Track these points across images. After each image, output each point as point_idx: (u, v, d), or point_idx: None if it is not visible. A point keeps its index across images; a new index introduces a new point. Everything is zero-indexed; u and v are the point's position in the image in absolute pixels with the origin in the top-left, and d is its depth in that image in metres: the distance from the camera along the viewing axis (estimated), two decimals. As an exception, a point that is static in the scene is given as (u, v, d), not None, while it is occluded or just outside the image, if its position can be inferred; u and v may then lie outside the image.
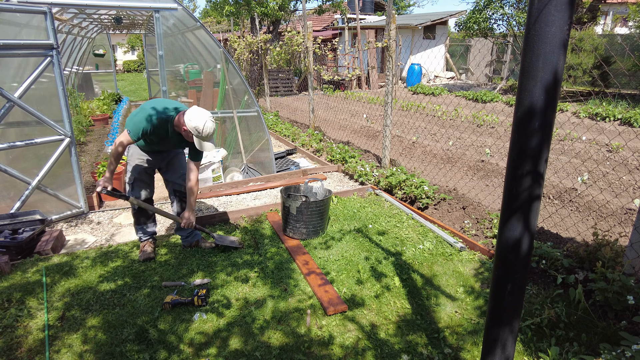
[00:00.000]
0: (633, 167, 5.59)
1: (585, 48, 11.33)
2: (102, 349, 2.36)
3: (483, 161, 5.96)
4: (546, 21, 1.26)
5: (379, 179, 5.05)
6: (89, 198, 4.52)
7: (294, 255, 3.40)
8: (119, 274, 3.16)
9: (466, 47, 18.93)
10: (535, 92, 1.32)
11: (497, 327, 1.62)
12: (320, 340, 2.44)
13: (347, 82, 15.88)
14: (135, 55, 32.53)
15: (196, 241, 3.58)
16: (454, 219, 4.14)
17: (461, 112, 9.81)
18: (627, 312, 2.48)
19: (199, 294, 2.76)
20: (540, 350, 2.32)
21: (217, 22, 24.61)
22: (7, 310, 2.69)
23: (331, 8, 16.35)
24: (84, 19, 8.26)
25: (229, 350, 2.37)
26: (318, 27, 22.97)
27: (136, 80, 23.16)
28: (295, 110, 11.50)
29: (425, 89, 13.97)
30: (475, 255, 3.41)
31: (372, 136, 8.08)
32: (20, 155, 4.05)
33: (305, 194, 3.96)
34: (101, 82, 13.53)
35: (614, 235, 3.59)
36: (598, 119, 8.56)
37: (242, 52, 12.64)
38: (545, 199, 4.72)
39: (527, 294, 2.84)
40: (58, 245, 3.68)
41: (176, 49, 6.59)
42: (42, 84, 4.05)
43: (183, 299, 2.74)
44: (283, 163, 6.26)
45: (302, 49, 10.59)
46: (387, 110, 5.29)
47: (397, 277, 3.09)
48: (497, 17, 13.06)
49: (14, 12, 3.83)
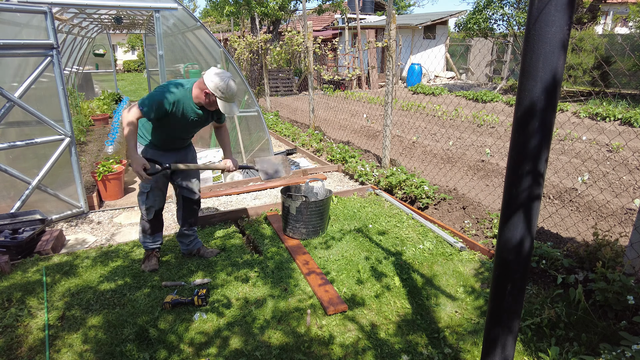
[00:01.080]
0: (633, 167, 5.59)
1: (585, 48, 11.33)
2: (102, 349, 2.36)
3: (483, 161, 5.96)
4: (546, 21, 1.26)
5: (379, 178, 5.05)
6: (89, 198, 4.53)
7: (294, 255, 3.40)
8: (119, 273, 3.16)
9: (466, 47, 18.93)
10: (535, 92, 1.32)
11: (497, 326, 1.62)
12: (320, 340, 2.44)
13: (347, 82, 15.88)
14: (136, 55, 32.53)
15: (197, 249, 3.43)
16: (454, 218, 4.14)
17: (461, 112, 9.81)
18: (627, 312, 2.48)
19: (199, 294, 2.76)
20: (540, 350, 2.32)
21: (217, 22, 24.62)
22: (7, 310, 2.69)
23: (331, 8, 16.36)
24: (84, 19, 8.26)
25: (229, 349, 2.37)
26: (318, 26, 22.96)
27: (136, 80, 23.16)
28: (295, 110, 11.50)
29: (426, 88, 13.96)
30: (475, 255, 3.41)
31: (372, 136, 8.08)
32: (21, 155, 4.05)
33: (305, 194, 3.96)
34: (101, 82, 13.53)
35: (614, 235, 3.59)
36: (598, 118, 8.56)
37: (242, 51, 12.64)
38: (546, 198, 4.72)
39: (527, 294, 2.84)
40: (58, 245, 3.68)
41: (176, 48, 6.60)
42: (42, 84, 4.05)
43: (183, 299, 2.74)
44: (283, 163, 6.26)
45: (302, 49, 10.58)
46: (387, 110, 5.29)
47: (397, 277, 3.09)
48: (497, 17, 13.06)
49: (14, 12, 3.83)
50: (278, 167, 3.40)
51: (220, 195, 5.01)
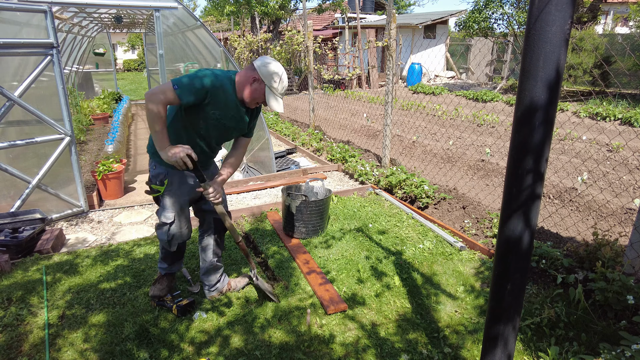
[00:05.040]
0: (633, 167, 5.59)
1: (585, 47, 11.33)
2: (102, 348, 2.36)
3: (483, 161, 5.96)
4: (547, 20, 1.26)
5: (379, 178, 5.05)
6: (89, 197, 4.53)
7: (294, 254, 3.40)
8: (119, 272, 3.16)
9: (466, 47, 18.92)
10: (535, 92, 1.32)
11: (497, 326, 1.62)
12: (320, 339, 2.44)
13: (347, 82, 15.87)
14: (136, 54, 32.53)
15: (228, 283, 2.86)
16: (454, 218, 4.15)
17: (461, 111, 9.81)
18: (627, 311, 2.48)
19: (179, 304, 2.60)
20: (540, 350, 2.32)
21: (217, 21, 24.62)
22: (7, 309, 2.69)
23: (331, 7, 16.35)
24: (84, 18, 8.26)
25: (230, 349, 2.37)
26: (318, 26, 22.95)
27: (136, 79, 23.15)
28: (295, 110, 11.50)
29: (426, 88, 13.96)
30: (475, 255, 3.41)
31: (372, 135, 8.08)
32: (21, 154, 4.05)
33: (305, 194, 3.97)
34: (101, 81, 13.52)
35: (614, 235, 3.59)
36: (598, 118, 8.56)
37: (243, 51, 12.64)
38: (546, 198, 4.72)
39: (527, 294, 2.84)
40: (58, 244, 3.68)
41: (176, 48, 6.59)
42: (42, 83, 4.05)
43: (168, 304, 2.66)
44: (283, 162, 6.26)
45: (302, 48, 10.58)
46: (387, 110, 5.29)
47: (397, 277, 3.09)
48: (497, 17, 13.06)
49: (14, 11, 3.82)
50: (270, 291, 2.81)
51: (221, 195, 5.00)
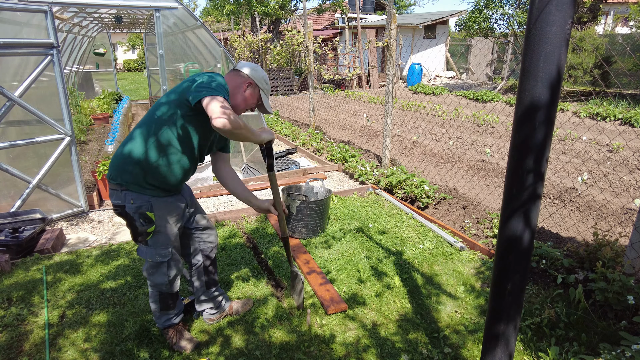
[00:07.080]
0: (633, 167, 5.59)
1: (586, 48, 11.33)
2: (103, 348, 2.36)
3: (483, 161, 5.96)
4: (547, 21, 1.26)
5: (379, 178, 5.05)
6: (89, 197, 4.53)
7: (294, 254, 3.40)
8: (120, 272, 3.16)
9: (467, 47, 18.92)
10: (536, 92, 1.32)
11: (497, 326, 1.62)
12: (320, 339, 2.44)
13: (347, 82, 15.88)
14: (136, 54, 32.53)
15: (230, 306, 2.64)
16: (454, 218, 4.15)
17: (461, 111, 9.81)
18: (627, 312, 2.48)
19: None
20: (540, 350, 2.32)
21: (218, 21, 24.63)
22: (8, 309, 2.69)
23: (332, 7, 16.36)
24: (84, 18, 8.25)
25: (230, 348, 2.37)
26: (318, 26, 22.97)
27: (136, 79, 23.15)
28: (295, 110, 11.50)
29: (426, 88, 13.96)
30: (475, 255, 3.41)
31: (372, 135, 8.08)
32: (21, 154, 4.05)
33: (305, 194, 3.97)
34: (101, 81, 13.52)
35: (614, 235, 3.59)
36: (599, 118, 8.56)
37: (243, 51, 12.65)
38: (546, 198, 4.72)
39: (527, 294, 2.84)
40: (58, 244, 3.68)
41: (176, 48, 6.59)
42: (42, 83, 4.05)
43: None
44: (283, 162, 6.26)
45: (302, 48, 10.59)
46: (388, 110, 5.29)
47: (398, 277, 3.09)
48: (497, 17, 13.06)
49: (14, 11, 3.83)
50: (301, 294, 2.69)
51: (221, 195, 5.01)
